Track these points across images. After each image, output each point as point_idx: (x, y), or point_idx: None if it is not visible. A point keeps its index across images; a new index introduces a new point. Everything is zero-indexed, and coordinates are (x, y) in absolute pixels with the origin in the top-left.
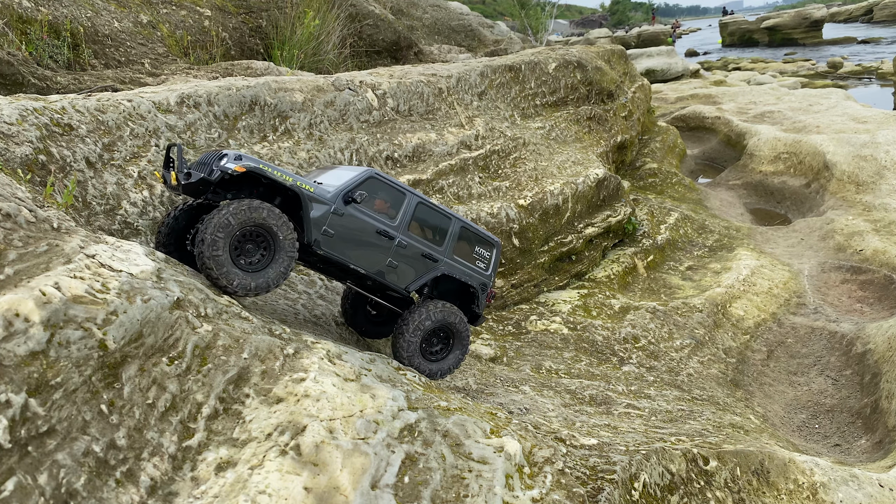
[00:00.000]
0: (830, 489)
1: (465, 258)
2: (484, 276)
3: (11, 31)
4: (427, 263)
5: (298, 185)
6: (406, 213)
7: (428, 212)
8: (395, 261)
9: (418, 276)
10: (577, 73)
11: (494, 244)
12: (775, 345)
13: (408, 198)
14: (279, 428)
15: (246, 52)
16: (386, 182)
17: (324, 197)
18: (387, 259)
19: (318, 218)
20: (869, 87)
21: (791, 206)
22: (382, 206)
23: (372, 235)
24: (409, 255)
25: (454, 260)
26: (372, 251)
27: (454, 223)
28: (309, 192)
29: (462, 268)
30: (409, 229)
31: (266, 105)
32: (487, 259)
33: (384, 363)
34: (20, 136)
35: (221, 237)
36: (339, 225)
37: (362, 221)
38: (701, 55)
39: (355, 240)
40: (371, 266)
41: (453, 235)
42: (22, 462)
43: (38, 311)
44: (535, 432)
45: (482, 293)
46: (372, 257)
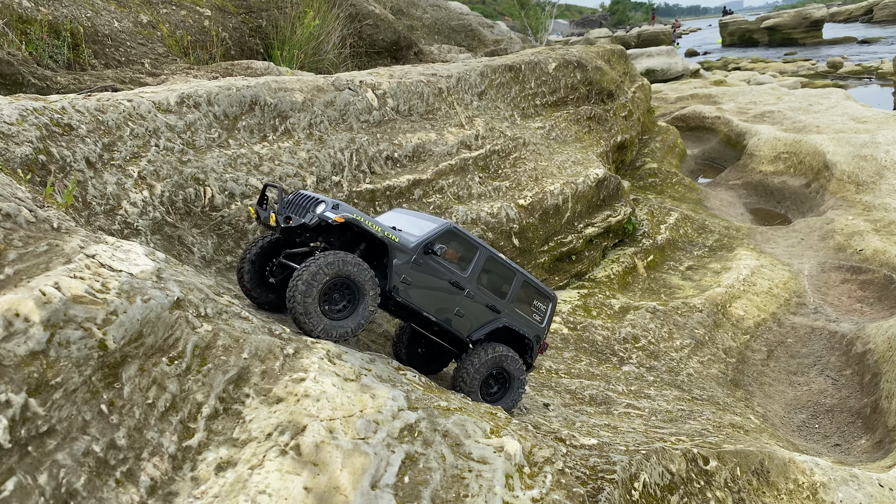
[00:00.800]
0: (830, 489)
1: (523, 310)
2: (538, 329)
3: (11, 31)
4: (490, 314)
5: (387, 235)
6: (477, 266)
7: (495, 265)
8: (462, 310)
9: (481, 325)
10: (577, 73)
11: (551, 298)
12: (775, 345)
13: (479, 251)
14: (279, 428)
15: (246, 52)
16: (462, 235)
17: (406, 247)
18: (455, 308)
19: (399, 266)
20: (869, 87)
21: (791, 206)
22: (453, 256)
23: (445, 285)
24: (476, 305)
25: (514, 312)
26: (443, 299)
27: (518, 277)
28: (395, 242)
29: (521, 319)
30: (478, 281)
31: (266, 105)
32: (543, 312)
33: (384, 363)
34: (20, 136)
35: (314, 286)
36: (417, 273)
37: (438, 271)
38: (701, 55)
39: (429, 288)
40: (440, 313)
41: (516, 288)
42: (22, 462)
43: (38, 310)
44: (535, 432)
45: (536, 344)
46: (442, 305)
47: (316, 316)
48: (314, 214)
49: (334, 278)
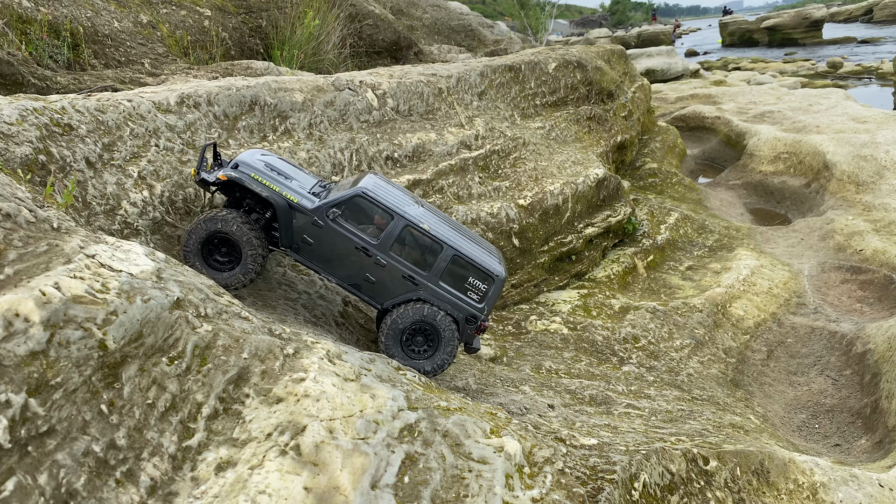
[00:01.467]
0: (830, 489)
1: (453, 286)
2: (474, 308)
3: (11, 31)
4: (407, 285)
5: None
6: (390, 234)
7: (417, 237)
8: (372, 276)
9: (394, 294)
10: (577, 73)
11: (494, 278)
12: (775, 345)
13: (395, 220)
14: (279, 428)
15: (246, 52)
16: (374, 202)
17: (306, 208)
18: (362, 274)
19: (298, 226)
20: (869, 87)
21: (791, 206)
22: (380, 223)
23: (349, 250)
24: (388, 273)
25: (440, 287)
26: (347, 264)
27: (446, 251)
28: (291, 202)
29: (447, 296)
30: (391, 250)
31: (266, 105)
32: (483, 291)
33: (384, 363)
34: (20, 136)
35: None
36: (318, 235)
37: (341, 235)
38: (701, 55)
39: (332, 251)
40: (346, 278)
41: (442, 263)
42: (22, 462)
43: (38, 311)
44: (535, 432)
45: (468, 324)
46: (346, 270)
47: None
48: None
49: (213, 234)
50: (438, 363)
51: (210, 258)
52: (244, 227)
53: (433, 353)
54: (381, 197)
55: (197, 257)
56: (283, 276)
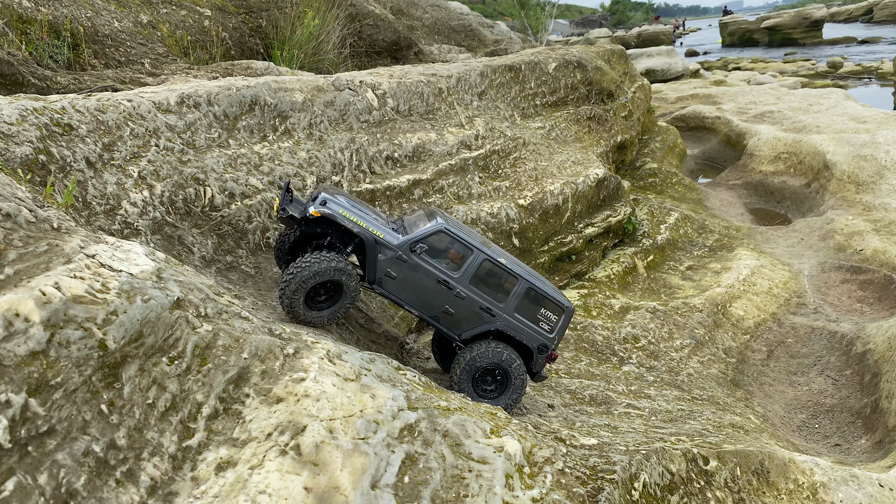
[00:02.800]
0: (830, 489)
1: (528, 318)
2: (545, 338)
3: (11, 31)
4: (484, 317)
5: (369, 230)
6: (469, 268)
7: (493, 269)
8: (451, 308)
9: (472, 326)
10: (577, 73)
11: (565, 309)
12: (775, 345)
13: (474, 254)
14: (279, 428)
15: (246, 52)
16: (454, 237)
17: (391, 244)
18: (443, 306)
19: (382, 261)
20: (869, 87)
21: (791, 206)
22: (455, 257)
23: (431, 283)
24: (467, 305)
25: (514, 318)
26: (428, 296)
27: (521, 283)
28: (377, 238)
29: (522, 326)
30: (470, 282)
31: (266, 105)
32: (553, 322)
33: (384, 363)
34: (20, 136)
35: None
36: (401, 269)
37: (423, 269)
38: (701, 55)
39: (414, 284)
40: (426, 309)
41: (517, 295)
42: (22, 462)
43: (38, 310)
44: (535, 432)
45: (539, 354)
46: (427, 301)
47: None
48: (304, 208)
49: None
50: (503, 405)
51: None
52: (350, 268)
53: (500, 395)
54: (459, 232)
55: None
56: None
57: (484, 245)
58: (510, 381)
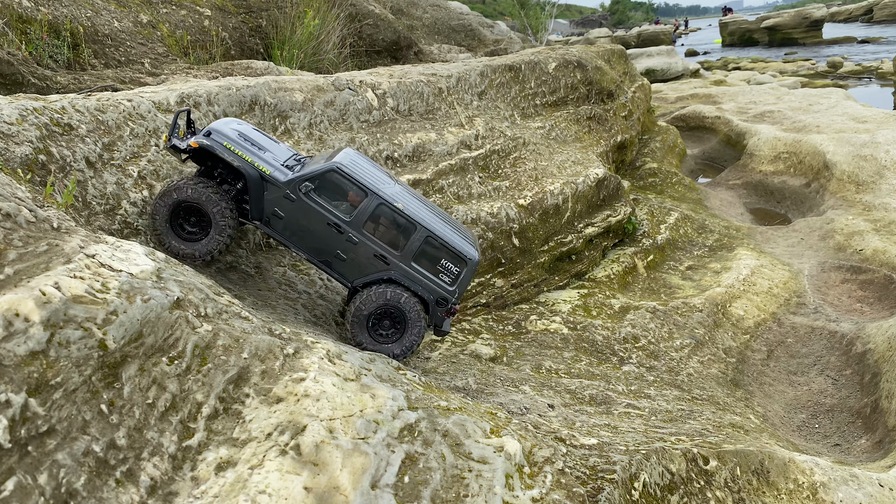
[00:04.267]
0: (830, 489)
1: (424, 267)
2: (445, 291)
3: (11, 30)
4: (378, 263)
5: (255, 165)
6: (363, 212)
7: (390, 215)
8: (343, 253)
9: (365, 273)
10: (577, 72)
11: (467, 261)
12: (775, 344)
13: (369, 197)
14: (279, 428)
15: (246, 51)
16: (349, 179)
17: (278, 180)
18: (333, 250)
19: (269, 199)
20: (869, 86)
21: (791, 206)
22: (353, 200)
23: (321, 226)
24: (360, 251)
25: (411, 267)
26: (318, 239)
27: (419, 231)
28: (262, 173)
29: (419, 276)
30: (364, 228)
31: (266, 105)
32: (455, 274)
33: (384, 363)
34: (20, 135)
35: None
36: (290, 208)
37: (313, 210)
38: (701, 55)
39: (303, 226)
40: (315, 253)
41: (415, 242)
42: (22, 462)
43: (38, 310)
44: (535, 432)
45: (438, 307)
46: (317, 245)
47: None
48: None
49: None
50: (407, 346)
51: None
52: (214, 195)
53: (401, 337)
54: (357, 173)
55: (165, 226)
56: (283, 275)
57: (387, 185)
58: (407, 322)
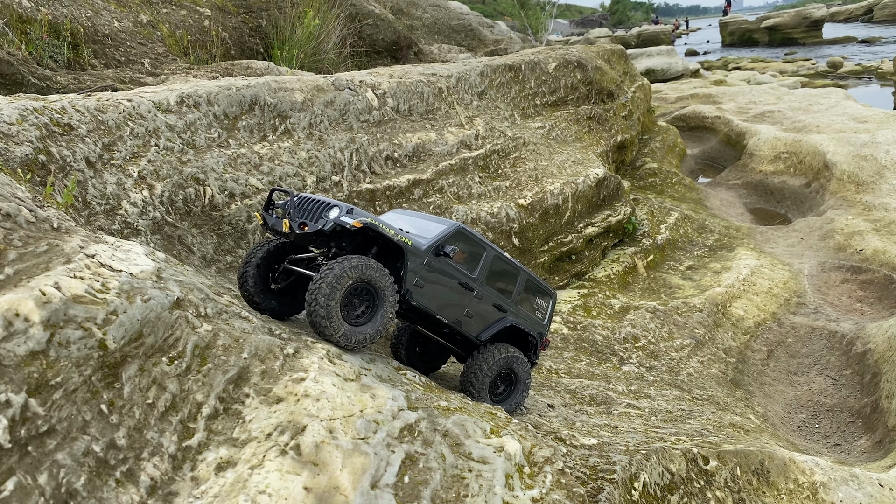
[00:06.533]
0: (830, 489)
1: (527, 308)
2: (541, 326)
3: (11, 30)
4: (497, 314)
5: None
6: (484, 266)
7: (501, 264)
8: (471, 310)
9: (488, 325)
10: (577, 72)
11: (551, 295)
12: (775, 344)
13: (487, 251)
14: (279, 428)
15: (246, 51)
16: (469, 235)
17: (419, 249)
18: (465, 309)
19: (413, 269)
20: (869, 86)
21: (791, 206)
22: (460, 257)
23: (455, 286)
24: (484, 305)
25: (519, 310)
26: (453, 301)
27: (522, 275)
28: (408, 245)
29: (525, 317)
30: (485, 281)
31: (266, 105)
32: (545, 309)
33: (384, 363)
34: (20, 135)
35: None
36: (429, 276)
37: (448, 273)
38: (701, 55)
39: (441, 290)
40: (451, 315)
41: (520, 287)
42: (22, 462)
43: (38, 310)
44: (535, 432)
45: (539, 341)
46: (453, 307)
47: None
48: (329, 219)
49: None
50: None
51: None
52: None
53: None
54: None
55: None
56: None
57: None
58: (519, 382)
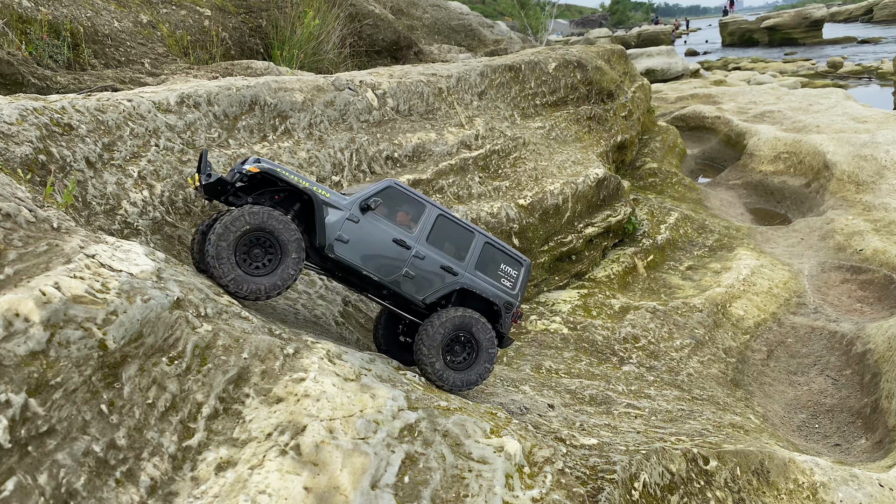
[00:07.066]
0: (830, 489)
1: (489, 275)
2: (509, 295)
3: (11, 31)
4: (445, 276)
5: (315, 190)
6: (425, 225)
7: (449, 225)
8: (411, 271)
9: (435, 288)
10: (577, 72)
11: (523, 263)
12: (775, 344)
13: (428, 210)
14: (279, 428)
15: (246, 51)
16: (407, 193)
17: (340, 203)
18: (402, 269)
19: (333, 223)
20: (869, 86)
21: (791, 206)
22: (404, 219)
23: (388, 244)
24: (427, 266)
25: (476, 275)
26: (386, 259)
27: (478, 239)
28: (324, 197)
29: (485, 284)
30: (427, 241)
31: (266, 105)
32: (514, 277)
33: (384, 363)
34: (20, 135)
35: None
36: (355, 231)
37: (378, 229)
38: (701, 55)
39: (370, 247)
40: (385, 273)
41: (476, 250)
42: (22, 462)
43: (38, 310)
44: (535, 432)
45: (506, 312)
46: (386, 265)
47: (228, 264)
48: (235, 170)
49: (257, 231)
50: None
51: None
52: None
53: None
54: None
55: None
56: None
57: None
58: (481, 350)
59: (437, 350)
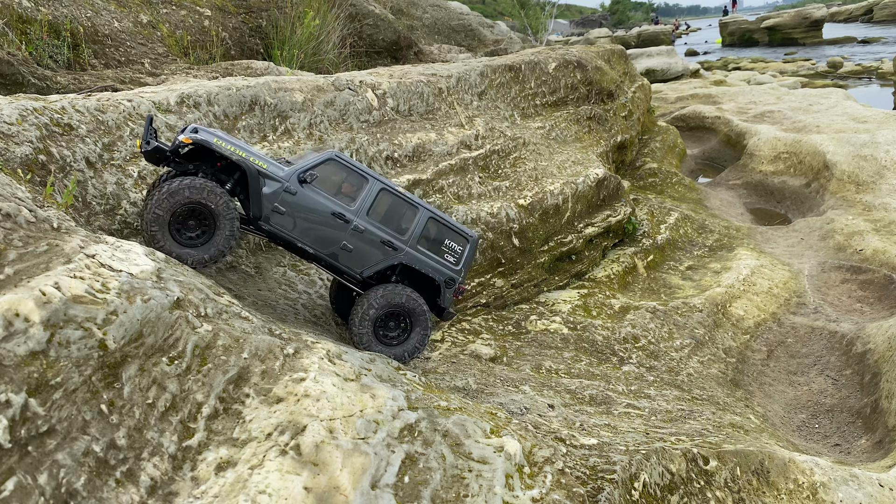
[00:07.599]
0: (830, 489)
1: (432, 250)
2: (452, 271)
3: (11, 31)
4: (386, 251)
5: (251, 160)
6: (366, 199)
7: (392, 200)
8: (349, 244)
9: (374, 262)
10: (577, 72)
11: (469, 239)
12: (775, 344)
13: (370, 183)
14: (279, 428)
15: (246, 52)
16: (348, 165)
17: (276, 174)
18: (340, 241)
19: (269, 194)
20: (869, 86)
21: (791, 206)
22: (349, 190)
23: (325, 217)
24: (367, 240)
25: (418, 251)
26: (323, 232)
27: (421, 213)
28: (260, 168)
29: (427, 259)
30: (368, 215)
31: (266, 105)
32: (459, 253)
33: (384, 363)
34: (20, 136)
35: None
36: (292, 202)
37: (315, 202)
38: (701, 55)
39: (307, 219)
40: (322, 246)
41: (419, 225)
42: (22, 462)
43: (38, 310)
44: (535, 432)
45: (447, 287)
46: (323, 237)
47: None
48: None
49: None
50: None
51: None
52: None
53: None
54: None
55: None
56: (283, 275)
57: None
58: (414, 325)
59: (369, 324)
